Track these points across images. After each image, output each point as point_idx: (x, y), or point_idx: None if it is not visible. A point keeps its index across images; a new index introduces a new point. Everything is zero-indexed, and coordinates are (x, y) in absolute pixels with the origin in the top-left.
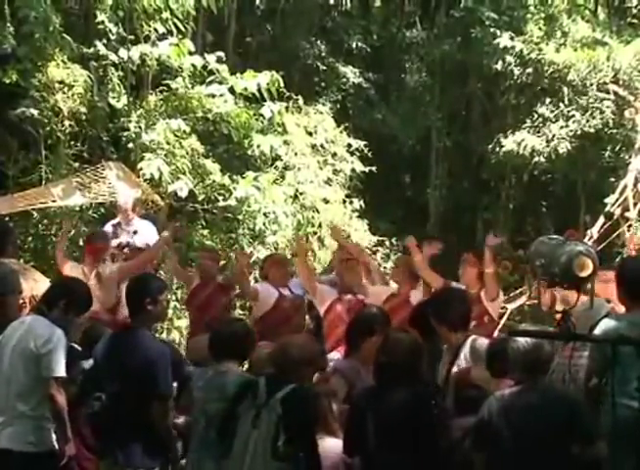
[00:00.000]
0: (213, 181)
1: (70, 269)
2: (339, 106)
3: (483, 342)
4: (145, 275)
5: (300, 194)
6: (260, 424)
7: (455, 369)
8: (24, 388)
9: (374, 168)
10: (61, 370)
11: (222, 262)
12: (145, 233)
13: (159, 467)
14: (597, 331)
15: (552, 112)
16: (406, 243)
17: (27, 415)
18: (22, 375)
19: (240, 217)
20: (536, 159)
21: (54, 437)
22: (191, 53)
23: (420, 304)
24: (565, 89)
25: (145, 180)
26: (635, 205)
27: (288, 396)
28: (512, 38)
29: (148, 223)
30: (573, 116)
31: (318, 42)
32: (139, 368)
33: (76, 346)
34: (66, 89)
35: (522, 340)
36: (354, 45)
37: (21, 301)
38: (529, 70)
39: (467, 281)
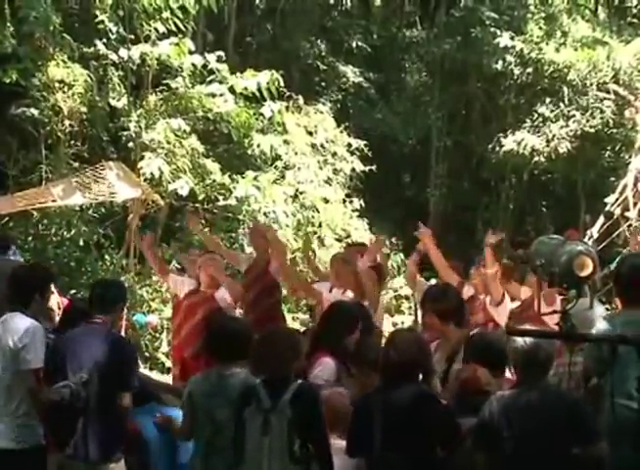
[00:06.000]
0: (214, 181)
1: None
2: (339, 105)
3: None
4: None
5: (300, 193)
6: (270, 430)
7: (457, 366)
8: (6, 385)
9: (374, 168)
10: (38, 362)
11: None
12: None
13: (117, 460)
14: (593, 330)
15: (552, 111)
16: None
17: (11, 412)
18: (3, 373)
19: (240, 217)
20: (536, 158)
21: (40, 431)
22: (191, 52)
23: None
24: (565, 89)
25: (145, 180)
26: (635, 204)
27: (295, 396)
28: (512, 38)
29: None
30: (574, 115)
31: (318, 42)
32: (106, 359)
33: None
34: (66, 89)
35: (520, 340)
36: (354, 45)
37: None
38: (529, 69)
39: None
